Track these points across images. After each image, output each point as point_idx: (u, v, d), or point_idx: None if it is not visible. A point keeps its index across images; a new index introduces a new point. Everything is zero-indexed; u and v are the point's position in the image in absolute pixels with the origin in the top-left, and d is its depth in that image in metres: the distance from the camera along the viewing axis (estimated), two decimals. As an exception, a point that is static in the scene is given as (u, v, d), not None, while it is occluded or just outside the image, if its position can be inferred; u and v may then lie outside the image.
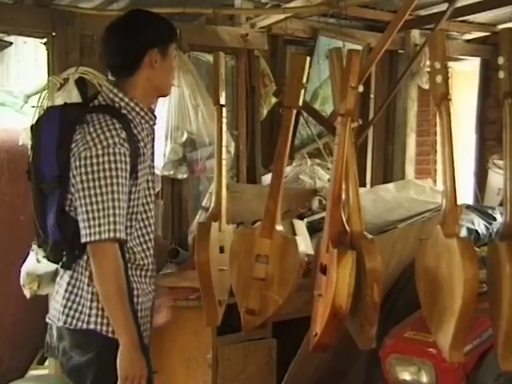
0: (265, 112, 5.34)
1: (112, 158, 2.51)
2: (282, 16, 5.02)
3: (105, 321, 2.62)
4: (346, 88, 2.97)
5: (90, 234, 2.51)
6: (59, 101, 3.98)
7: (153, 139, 2.80)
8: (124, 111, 2.65)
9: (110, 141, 2.52)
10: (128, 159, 2.55)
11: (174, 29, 2.82)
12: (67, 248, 2.62)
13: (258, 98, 5.22)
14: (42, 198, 2.65)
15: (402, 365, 3.12)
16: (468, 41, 6.25)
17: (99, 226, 2.49)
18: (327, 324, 2.92)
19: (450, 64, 2.67)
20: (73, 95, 3.96)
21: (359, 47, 5.41)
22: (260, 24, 5.14)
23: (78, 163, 2.53)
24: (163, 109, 4.59)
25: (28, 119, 4.10)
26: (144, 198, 2.70)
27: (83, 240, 2.53)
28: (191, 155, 4.63)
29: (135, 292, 2.67)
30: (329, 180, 3.20)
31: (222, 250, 3.32)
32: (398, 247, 3.62)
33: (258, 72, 5.22)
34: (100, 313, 2.62)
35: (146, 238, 2.73)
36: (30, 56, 5.47)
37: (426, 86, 5.71)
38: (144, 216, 2.71)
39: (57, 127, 2.61)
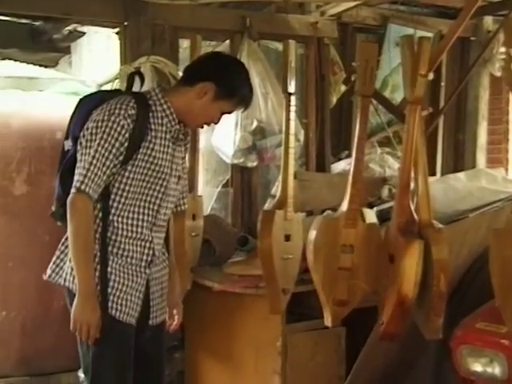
0: (334, 100, 5.33)
1: (110, 124, 2.74)
2: (352, 4, 4.99)
3: (75, 280, 2.77)
4: (416, 76, 2.96)
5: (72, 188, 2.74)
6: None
7: (174, 141, 2.92)
8: (150, 102, 2.85)
9: (116, 111, 2.76)
10: (125, 133, 2.75)
11: (246, 97, 2.97)
12: (64, 203, 2.79)
13: (327, 85, 5.21)
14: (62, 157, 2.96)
15: (474, 356, 3.08)
16: (542, 27, 6.11)
17: (76, 181, 2.71)
18: (393, 313, 2.94)
19: (524, 51, 2.62)
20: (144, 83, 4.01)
21: (430, 34, 5.35)
22: (330, 12, 5.13)
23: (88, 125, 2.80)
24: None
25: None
26: (141, 188, 2.84)
27: None
28: (261, 143, 4.65)
29: (110, 262, 2.81)
30: (398, 169, 3.18)
31: (287, 238, 3.33)
32: (469, 237, 3.58)
33: (327, 60, 5.20)
34: (70, 271, 2.80)
35: (134, 229, 2.86)
36: (101, 45, 5.53)
37: (499, 74, 5.61)
38: (137, 209, 2.85)
39: (93, 102, 2.88)
